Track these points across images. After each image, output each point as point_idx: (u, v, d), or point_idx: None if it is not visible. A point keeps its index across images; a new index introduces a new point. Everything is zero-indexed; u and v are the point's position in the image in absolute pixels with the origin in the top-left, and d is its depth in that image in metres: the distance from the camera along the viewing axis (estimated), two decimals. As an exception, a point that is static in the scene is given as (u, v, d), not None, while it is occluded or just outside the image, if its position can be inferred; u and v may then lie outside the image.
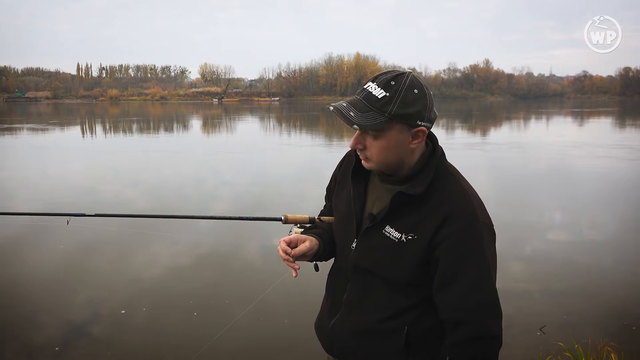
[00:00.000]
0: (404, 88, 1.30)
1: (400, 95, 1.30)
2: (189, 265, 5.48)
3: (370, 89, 1.33)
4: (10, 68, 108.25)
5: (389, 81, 1.31)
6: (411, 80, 1.32)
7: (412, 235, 1.38)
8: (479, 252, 1.35)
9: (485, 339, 1.39)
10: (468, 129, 28.73)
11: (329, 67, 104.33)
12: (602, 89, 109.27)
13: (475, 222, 1.36)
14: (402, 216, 1.40)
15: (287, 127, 31.29)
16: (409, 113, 1.31)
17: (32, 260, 5.65)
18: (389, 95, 1.30)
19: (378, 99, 1.30)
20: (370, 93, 1.32)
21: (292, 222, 1.78)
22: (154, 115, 47.15)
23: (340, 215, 1.60)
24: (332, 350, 1.62)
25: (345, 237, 1.55)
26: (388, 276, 1.44)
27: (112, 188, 10.04)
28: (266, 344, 3.83)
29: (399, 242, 1.40)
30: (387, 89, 1.30)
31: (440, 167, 1.43)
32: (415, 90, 1.31)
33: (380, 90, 1.31)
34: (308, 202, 8.07)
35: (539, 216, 7.81)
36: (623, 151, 15.68)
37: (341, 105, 1.35)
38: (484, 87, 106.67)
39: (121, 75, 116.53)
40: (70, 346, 3.77)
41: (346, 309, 1.55)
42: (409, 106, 1.30)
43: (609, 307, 4.41)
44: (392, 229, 1.41)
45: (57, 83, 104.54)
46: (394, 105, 1.30)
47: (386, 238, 1.42)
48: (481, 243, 1.36)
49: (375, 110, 1.31)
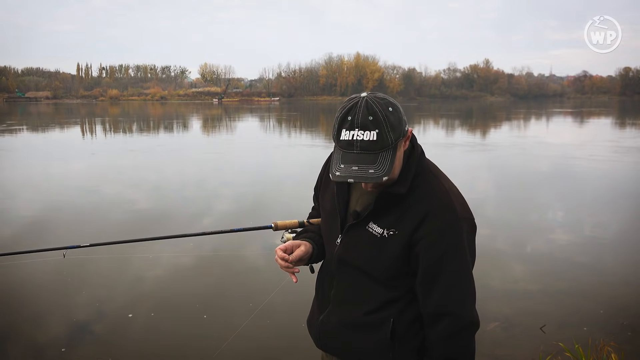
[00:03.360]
0: (384, 116, 1.31)
1: (387, 123, 1.31)
2: (192, 267, 5.49)
3: (360, 137, 1.31)
4: (10, 68, 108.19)
5: (367, 119, 1.31)
6: (381, 104, 1.33)
7: (393, 230, 1.44)
8: (458, 249, 1.42)
9: (467, 329, 1.46)
10: (468, 129, 28.74)
11: (329, 67, 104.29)
12: (602, 89, 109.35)
13: (454, 219, 1.41)
14: (385, 213, 1.46)
15: (287, 127, 31.29)
16: (400, 130, 1.36)
17: (34, 260, 5.65)
18: (379, 132, 1.31)
19: (375, 141, 1.31)
20: (363, 141, 1.31)
21: (282, 228, 1.84)
22: (154, 115, 47.15)
23: (326, 213, 1.66)
24: (322, 345, 1.67)
25: (330, 233, 1.61)
26: (371, 271, 1.49)
27: (114, 188, 10.05)
28: (270, 345, 3.83)
29: (381, 237, 1.45)
30: (374, 126, 1.31)
31: (420, 164, 1.48)
32: (390, 108, 1.33)
33: (369, 133, 1.31)
34: (308, 202, 8.08)
35: (539, 216, 7.81)
36: (623, 151, 15.69)
37: (355, 173, 1.33)
38: (484, 87, 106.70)
39: (121, 75, 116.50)
40: (74, 347, 3.77)
41: (333, 304, 1.61)
42: (397, 125, 1.34)
43: (609, 307, 4.41)
44: (375, 224, 1.47)
45: (57, 83, 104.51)
46: (389, 135, 1.32)
47: (369, 234, 1.48)
48: (461, 239, 1.42)
49: (381, 151, 1.33)
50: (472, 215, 1.48)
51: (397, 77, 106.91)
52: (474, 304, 1.47)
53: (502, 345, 3.77)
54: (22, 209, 8.18)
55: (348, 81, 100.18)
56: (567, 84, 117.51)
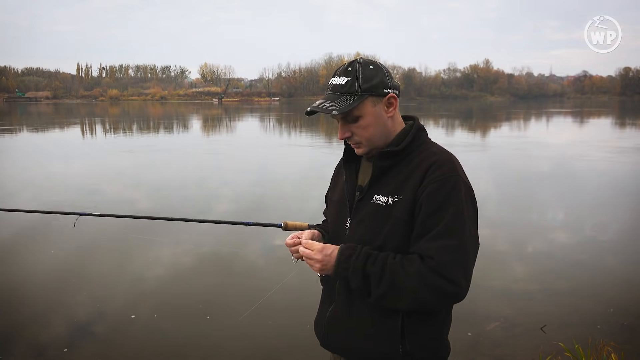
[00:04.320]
0: (360, 68, 1.48)
1: (360, 74, 1.47)
2: (193, 267, 5.49)
3: (334, 81, 1.51)
4: (10, 68, 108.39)
5: (345, 69, 1.50)
6: (364, 61, 1.50)
7: (398, 196, 1.46)
8: (455, 201, 1.41)
9: (446, 279, 1.36)
10: (468, 129, 28.74)
11: (329, 67, 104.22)
12: (602, 89, 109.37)
13: (455, 175, 1.44)
14: (387, 182, 1.50)
15: (287, 127, 31.29)
16: (373, 84, 1.47)
17: (36, 260, 5.66)
18: (350, 79, 1.47)
19: (343, 85, 1.48)
20: (335, 84, 1.50)
21: (291, 228, 1.84)
22: (154, 115, 47.15)
23: (333, 204, 1.70)
24: (327, 342, 1.64)
25: (339, 221, 1.62)
26: (380, 244, 1.47)
27: (113, 188, 10.05)
28: (270, 345, 3.84)
29: (386, 206, 1.48)
30: (347, 74, 1.48)
31: (419, 135, 1.55)
32: (371, 66, 1.49)
33: (342, 78, 1.49)
34: (309, 202, 8.09)
35: (539, 216, 7.81)
36: (624, 151, 15.69)
37: (316, 104, 1.50)
38: (484, 87, 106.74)
39: (121, 75, 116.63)
40: (76, 346, 3.77)
41: (340, 297, 1.58)
42: (371, 79, 1.47)
43: (609, 307, 4.41)
44: (379, 195, 1.50)
45: (57, 83, 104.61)
46: (358, 83, 1.46)
47: (375, 205, 1.50)
48: (459, 193, 1.42)
49: (345, 94, 1.47)
50: (471, 185, 1.49)
51: (397, 77, 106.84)
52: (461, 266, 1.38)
53: (502, 345, 3.77)
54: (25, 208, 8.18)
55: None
56: (567, 84, 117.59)
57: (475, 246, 1.45)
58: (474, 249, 1.44)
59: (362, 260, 1.43)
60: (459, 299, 1.41)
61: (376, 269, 1.41)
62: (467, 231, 1.41)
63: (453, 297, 1.40)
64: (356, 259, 1.44)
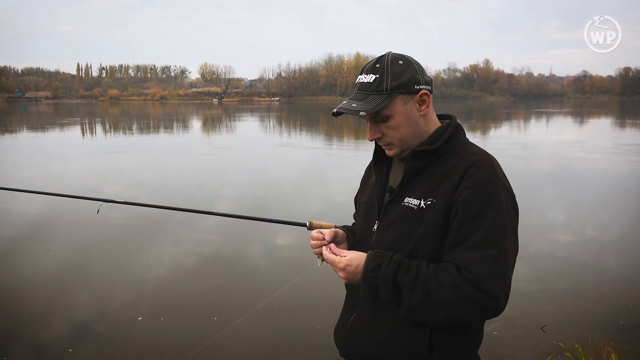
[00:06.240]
0: (388, 63, 1.37)
1: (389, 70, 1.36)
2: (194, 266, 5.49)
3: (361, 79, 1.41)
4: (10, 68, 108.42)
5: (373, 65, 1.39)
6: (393, 55, 1.40)
7: (431, 200, 1.36)
8: (495, 207, 1.30)
9: (486, 294, 1.27)
10: (468, 129, 28.71)
11: (329, 67, 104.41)
12: (602, 89, 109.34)
13: (495, 178, 1.34)
14: (420, 184, 1.40)
15: (287, 127, 31.28)
16: (403, 82, 1.36)
17: (36, 260, 5.66)
18: (378, 76, 1.37)
19: (371, 83, 1.38)
20: (362, 82, 1.40)
21: (316, 227, 1.70)
22: (154, 115, 47.14)
23: (362, 206, 1.61)
24: (348, 351, 1.53)
25: (366, 224, 1.52)
26: (410, 250, 1.36)
27: (114, 188, 10.05)
28: (271, 344, 3.84)
29: (418, 209, 1.37)
30: (375, 71, 1.38)
31: (457, 134, 1.45)
32: (400, 61, 1.38)
33: (370, 76, 1.38)
34: (309, 202, 8.09)
35: (539, 216, 7.81)
36: (624, 151, 15.68)
37: (342, 105, 1.40)
38: (484, 87, 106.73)
39: (121, 75, 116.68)
40: (78, 346, 3.77)
41: (364, 303, 1.46)
42: (401, 76, 1.36)
43: (609, 307, 4.42)
44: (411, 197, 1.39)
45: (57, 83, 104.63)
46: (387, 80, 1.36)
47: (405, 208, 1.39)
48: (499, 197, 1.31)
49: (373, 93, 1.37)
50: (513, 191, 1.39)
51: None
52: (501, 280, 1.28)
53: (503, 345, 3.77)
54: (22, 209, 8.18)
55: (348, 81, 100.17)
56: (567, 84, 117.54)
57: (515, 253, 1.35)
58: (514, 257, 1.34)
59: (393, 269, 1.32)
60: (497, 314, 1.32)
61: (408, 278, 1.30)
62: (507, 239, 1.30)
63: (492, 312, 1.31)
64: (386, 267, 1.33)
